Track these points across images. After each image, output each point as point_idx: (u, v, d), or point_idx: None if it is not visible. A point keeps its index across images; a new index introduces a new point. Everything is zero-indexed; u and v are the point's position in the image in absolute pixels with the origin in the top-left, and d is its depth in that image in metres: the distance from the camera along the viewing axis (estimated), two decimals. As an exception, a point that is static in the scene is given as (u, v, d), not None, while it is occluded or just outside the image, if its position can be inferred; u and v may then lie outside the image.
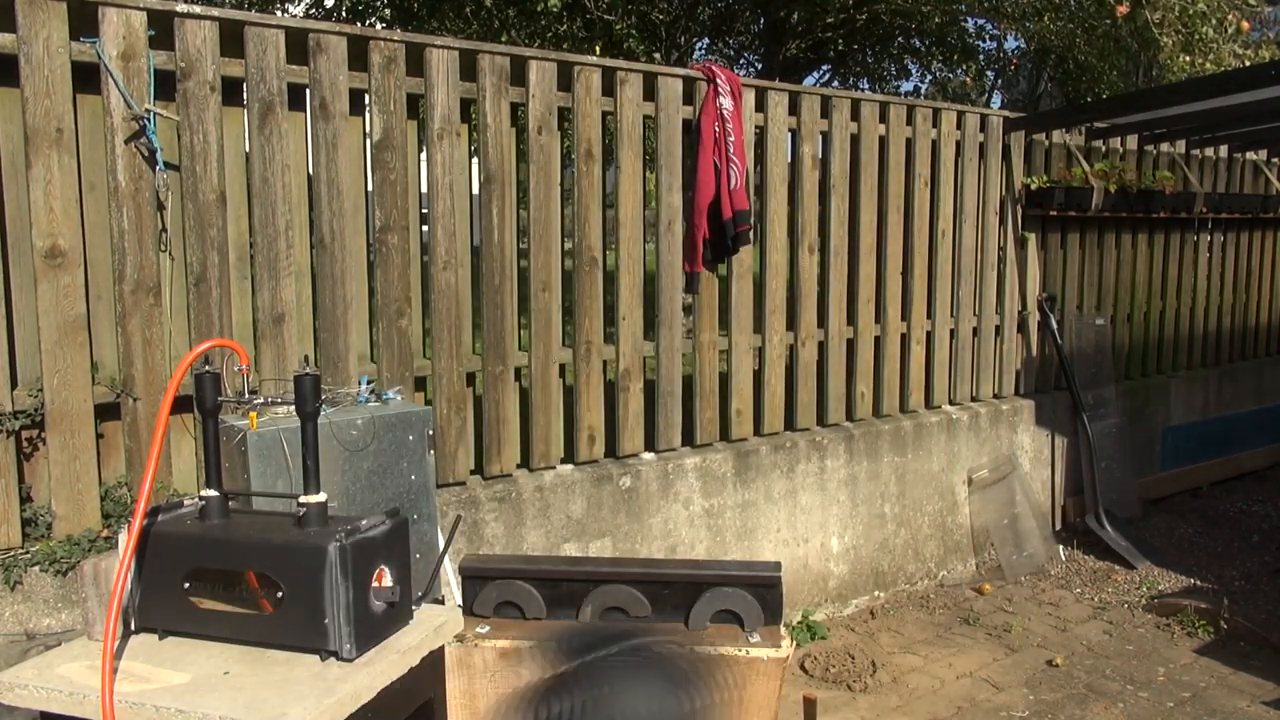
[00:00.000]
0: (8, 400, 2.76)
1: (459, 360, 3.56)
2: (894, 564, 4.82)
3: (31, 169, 2.71)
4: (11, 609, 2.70)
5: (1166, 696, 3.76)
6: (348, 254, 3.30)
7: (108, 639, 1.60)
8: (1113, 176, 5.47)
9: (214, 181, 3.01)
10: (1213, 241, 6.50)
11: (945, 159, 5.01)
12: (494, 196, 3.59)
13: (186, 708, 1.56)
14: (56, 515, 2.81)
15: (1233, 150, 6.48)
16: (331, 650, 1.69)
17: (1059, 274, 5.58)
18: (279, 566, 1.72)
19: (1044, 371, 5.61)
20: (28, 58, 2.68)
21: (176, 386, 1.79)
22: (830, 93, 4.61)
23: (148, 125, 2.84)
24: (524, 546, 3.65)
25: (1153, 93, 6.06)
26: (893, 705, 3.71)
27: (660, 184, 4.06)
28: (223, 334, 3.02)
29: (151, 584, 1.78)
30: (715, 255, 4.17)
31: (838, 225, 4.63)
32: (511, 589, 2.59)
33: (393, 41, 3.34)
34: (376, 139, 3.35)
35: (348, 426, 2.53)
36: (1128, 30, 7.95)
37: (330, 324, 3.29)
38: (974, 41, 10.96)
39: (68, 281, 2.78)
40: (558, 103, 3.73)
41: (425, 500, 2.72)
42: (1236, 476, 6.57)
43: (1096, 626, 4.43)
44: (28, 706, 1.67)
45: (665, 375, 4.10)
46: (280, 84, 3.11)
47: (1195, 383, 6.40)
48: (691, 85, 4.09)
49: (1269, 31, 12.06)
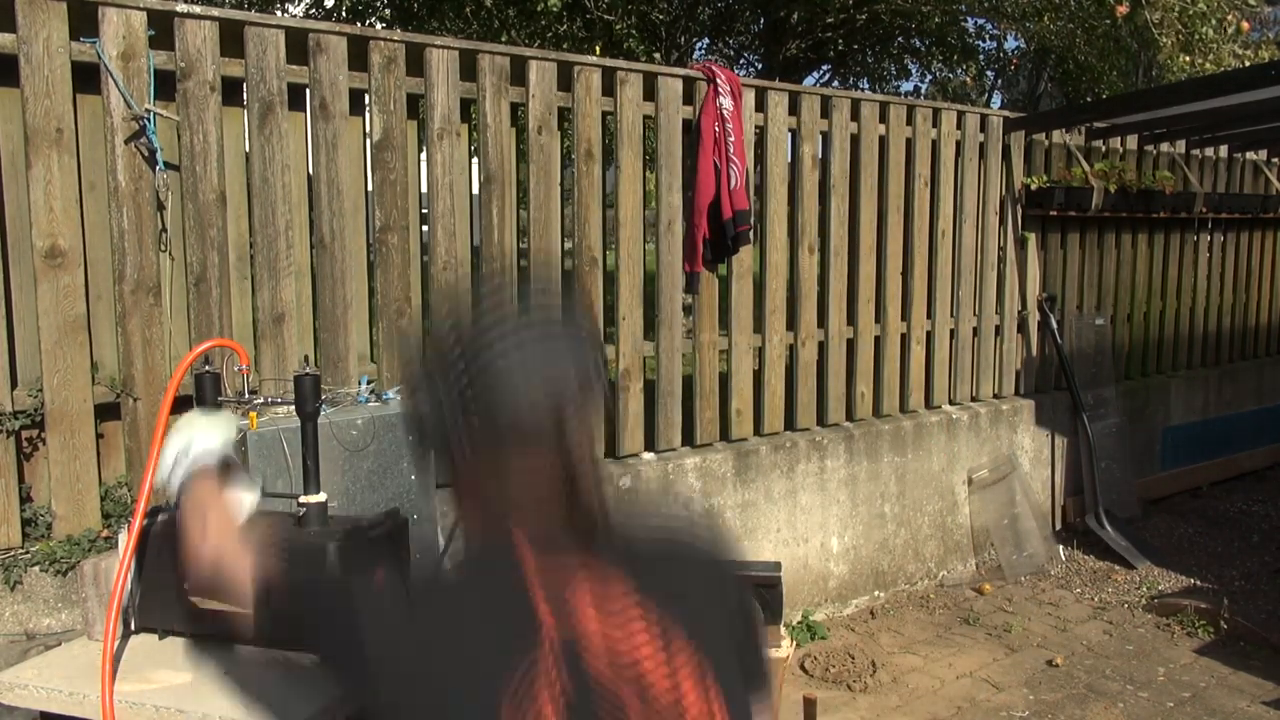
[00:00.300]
0: (8, 400, 2.75)
1: (459, 360, 3.55)
2: (894, 564, 4.82)
3: (31, 169, 2.71)
4: (11, 609, 2.70)
5: (1166, 696, 3.76)
6: (348, 254, 3.29)
7: (108, 639, 1.60)
8: (1113, 176, 5.47)
9: (214, 181, 3.01)
10: (1213, 241, 6.49)
11: (945, 159, 5.00)
12: (494, 196, 3.59)
13: (186, 708, 1.56)
14: (56, 515, 2.81)
15: (1233, 150, 6.48)
16: (331, 650, 1.69)
17: (1059, 274, 5.58)
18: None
19: (1044, 371, 5.61)
20: (28, 58, 2.68)
21: (177, 386, 1.79)
22: (830, 93, 4.61)
23: (148, 125, 2.84)
24: (524, 546, 3.64)
25: (1153, 93, 6.07)
26: (893, 705, 3.70)
27: (660, 184, 4.06)
28: (223, 334, 3.02)
29: (151, 584, 1.78)
30: (715, 255, 4.16)
31: (838, 225, 4.63)
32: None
33: (393, 41, 3.34)
34: (376, 139, 3.34)
35: (348, 426, 2.53)
36: (1128, 30, 7.95)
37: (330, 324, 3.29)
38: (974, 41, 10.96)
39: (68, 281, 2.78)
40: (558, 103, 3.73)
41: (425, 500, 2.72)
42: (1236, 476, 6.57)
43: (1096, 626, 4.43)
44: (28, 706, 1.67)
45: (665, 375, 4.10)
46: (280, 84, 3.11)
47: (1195, 383, 6.40)
48: (691, 85, 4.09)
49: (1269, 31, 12.06)
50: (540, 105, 3.67)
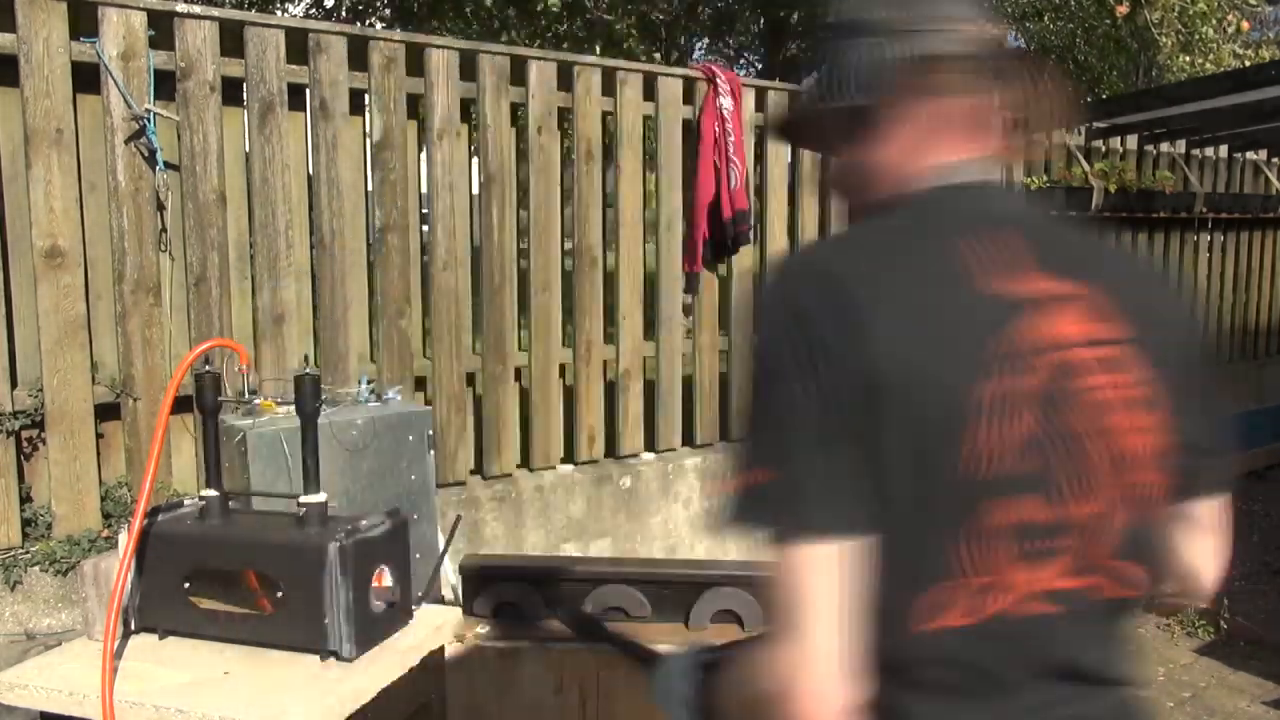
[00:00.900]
0: (8, 400, 2.75)
1: (459, 360, 3.56)
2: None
3: (31, 169, 2.71)
4: (11, 609, 2.70)
5: (1166, 696, 3.76)
6: (348, 254, 3.29)
7: (108, 639, 1.60)
8: (1113, 176, 5.47)
9: (214, 181, 3.01)
10: (1213, 241, 6.49)
11: (945, 159, 5.00)
12: (494, 196, 3.59)
13: (186, 708, 1.56)
14: (56, 515, 2.81)
15: (1233, 150, 6.48)
16: (331, 650, 1.69)
17: (1059, 274, 5.57)
18: (279, 566, 1.72)
19: (1044, 371, 5.61)
20: (28, 58, 2.68)
21: (177, 386, 1.79)
22: (830, 93, 4.60)
23: (148, 125, 2.84)
24: (524, 546, 3.65)
25: (1153, 93, 6.06)
26: (893, 705, 3.70)
27: (660, 184, 4.06)
28: (223, 334, 3.02)
29: (151, 584, 1.78)
30: (715, 255, 4.16)
31: (838, 225, 4.62)
32: (511, 589, 2.58)
33: (393, 41, 3.34)
34: (376, 139, 3.34)
35: (348, 426, 2.53)
36: (1128, 30, 7.95)
37: (330, 324, 3.29)
38: (974, 41, 10.94)
39: (68, 281, 2.78)
40: (558, 103, 3.73)
41: (425, 500, 2.72)
42: (1236, 476, 6.56)
43: (1096, 626, 4.43)
44: (28, 706, 1.67)
45: (665, 375, 4.10)
46: (280, 84, 3.11)
47: (1195, 383, 6.38)
48: (691, 85, 4.09)
49: (1269, 31, 12.05)
50: (540, 105, 3.66)
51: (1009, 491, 0.85)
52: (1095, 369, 0.89)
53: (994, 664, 0.87)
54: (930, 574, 0.85)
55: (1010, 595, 0.86)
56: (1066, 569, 0.88)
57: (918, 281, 0.87)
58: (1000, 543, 0.85)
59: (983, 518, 0.85)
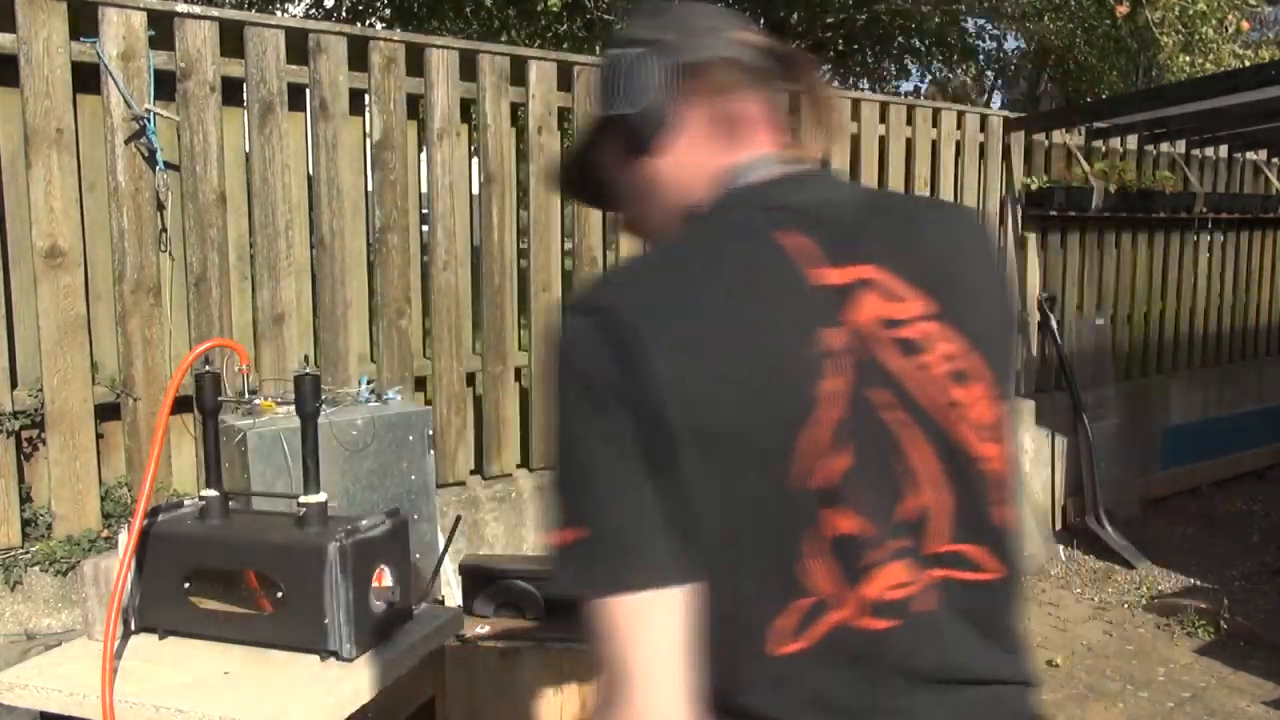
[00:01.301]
0: (8, 400, 2.75)
1: (459, 360, 3.56)
2: (894, 564, 4.81)
3: (31, 169, 2.71)
4: (11, 609, 2.70)
5: (1166, 696, 3.76)
6: (348, 254, 3.29)
7: (108, 639, 1.60)
8: (1113, 176, 5.47)
9: (214, 181, 3.01)
10: (1213, 241, 6.49)
11: (945, 159, 5.00)
12: (494, 196, 3.59)
13: (186, 708, 1.56)
14: (56, 515, 2.81)
15: (1233, 150, 6.48)
16: (331, 650, 1.69)
17: (1059, 274, 5.58)
18: (279, 566, 1.72)
19: (1044, 372, 5.61)
20: (27, 58, 2.68)
21: (177, 386, 1.79)
22: (830, 93, 4.60)
23: (148, 125, 2.84)
24: (524, 546, 3.65)
25: (1153, 93, 6.07)
26: (893, 705, 3.70)
27: (660, 184, 4.05)
28: (223, 334, 3.02)
29: (151, 584, 1.78)
30: (715, 255, 4.16)
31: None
32: (511, 589, 2.59)
33: (393, 41, 3.34)
34: (376, 139, 3.35)
35: (348, 426, 2.53)
36: (1128, 30, 7.96)
37: (330, 324, 3.29)
38: (974, 41, 10.96)
39: (68, 281, 2.78)
40: (558, 103, 3.73)
41: (425, 500, 2.72)
42: (1236, 477, 6.56)
43: (1096, 626, 4.43)
44: (28, 706, 1.67)
45: (665, 375, 4.09)
46: (280, 84, 3.11)
47: (1195, 383, 6.39)
48: (691, 85, 4.08)
49: (1269, 31, 12.06)
50: (540, 105, 3.66)
51: (829, 504, 0.82)
52: (900, 353, 0.86)
53: (837, 686, 0.84)
54: (767, 601, 0.82)
55: (843, 612, 0.83)
56: (903, 572, 0.84)
57: (708, 300, 0.83)
58: (824, 560, 0.82)
59: (804, 538, 0.82)
